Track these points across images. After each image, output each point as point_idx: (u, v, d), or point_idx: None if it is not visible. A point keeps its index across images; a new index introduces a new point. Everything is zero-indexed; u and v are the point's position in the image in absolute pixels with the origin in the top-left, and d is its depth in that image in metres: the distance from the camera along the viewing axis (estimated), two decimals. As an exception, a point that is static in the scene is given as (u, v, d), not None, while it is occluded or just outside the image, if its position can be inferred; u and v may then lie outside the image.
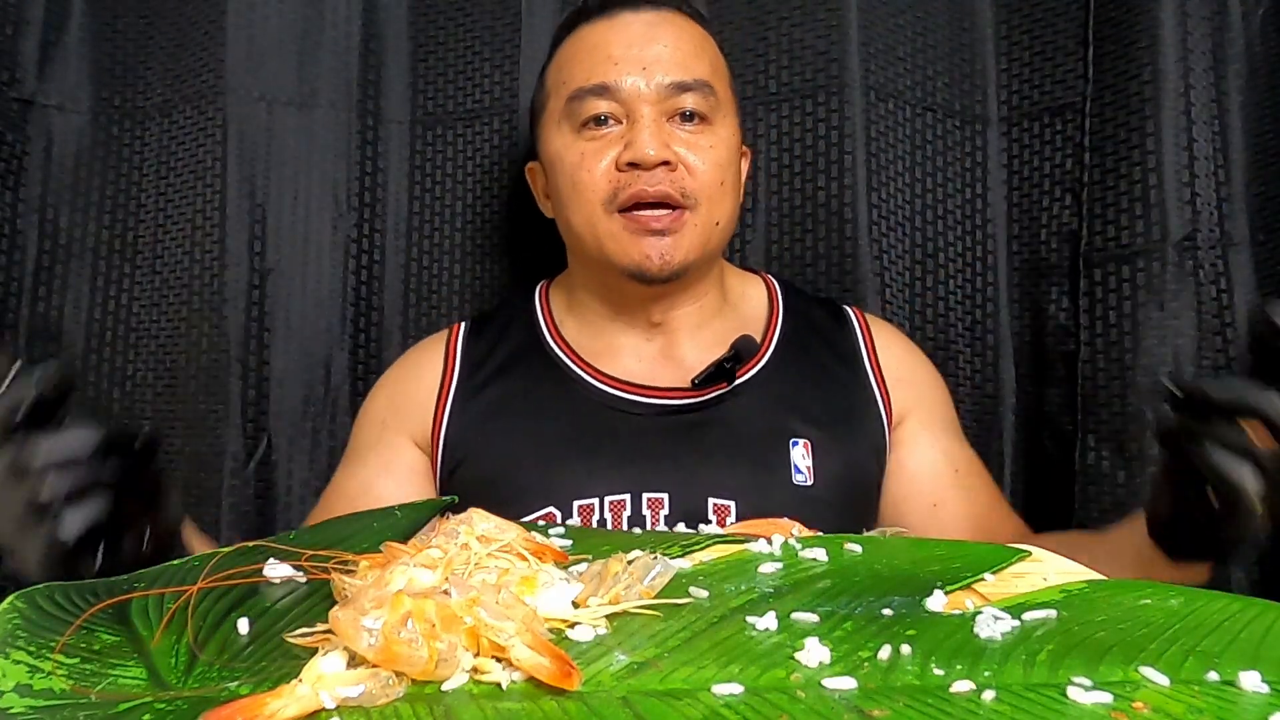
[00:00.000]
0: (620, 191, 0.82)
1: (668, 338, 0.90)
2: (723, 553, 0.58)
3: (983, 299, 1.06)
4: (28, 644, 0.44)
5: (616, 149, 0.83)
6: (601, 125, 0.84)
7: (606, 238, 0.83)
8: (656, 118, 0.83)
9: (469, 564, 0.49)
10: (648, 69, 0.83)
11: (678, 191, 0.82)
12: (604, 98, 0.83)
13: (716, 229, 0.85)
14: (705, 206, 0.84)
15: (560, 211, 0.88)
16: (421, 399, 0.89)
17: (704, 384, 0.86)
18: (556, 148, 0.86)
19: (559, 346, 0.90)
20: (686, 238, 0.83)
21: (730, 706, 0.40)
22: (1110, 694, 0.40)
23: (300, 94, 1.04)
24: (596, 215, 0.83)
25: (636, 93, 0.83)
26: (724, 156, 0.85)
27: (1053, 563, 0.57)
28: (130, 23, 1.07)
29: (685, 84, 0.83)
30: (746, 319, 0.92)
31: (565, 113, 0.85)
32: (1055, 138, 1.03)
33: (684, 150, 0.83)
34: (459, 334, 0.93)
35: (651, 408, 0.86)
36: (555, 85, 0.87)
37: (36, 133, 1.04)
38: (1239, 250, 0.95)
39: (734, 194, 0.87)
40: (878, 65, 1.04)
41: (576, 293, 0.92)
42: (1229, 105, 0.96)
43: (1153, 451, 0.92)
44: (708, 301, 0.90)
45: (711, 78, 0.86)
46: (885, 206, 1.04)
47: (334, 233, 1.05)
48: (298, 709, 0.39)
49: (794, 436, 0.85)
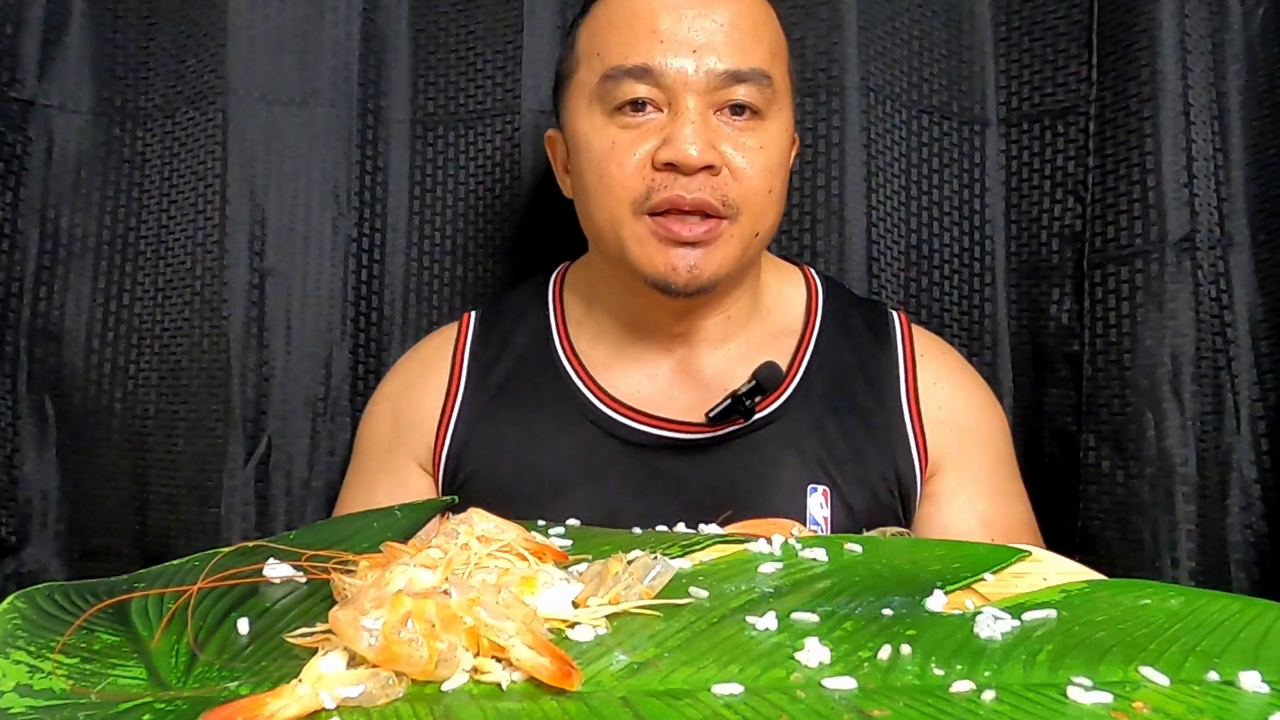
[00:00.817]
0: (654, 193, 0.73)
1: (688, 349, 0.82)
2: (723, 553, 0.58)
3: (980, 300, 1.06)
4: (28, 644, 0.44)
5: (653, 141, 0.73)
6: (638, 111, 0.74)
7: (631, 241, 0.75)
8: (703, 111, 0.73)
9: (469, 564, 0.49)
10: (698, 52, 0.72)
11: (719, 200, 0.73)
12: (644, 81, 0.73)
13: (756, 240, 0.77)
14: (747, 217, 0.75)
15: (582, 200, 0.79)
16: (425, 416, 0.85)
17: (718, 419, 0.78)
18: (584, 129, 0.77)
19: (568, 359, 0.83)
20: (720, 251, 0.74)
21: (730, 706, 0.40)
22: (1110, 694, 0.40)
23: (301, 93, 1.04)
24: (623, 216, 0.74)
25: (683, 79, 0.73)
26: (774, 160, 0.76)
27: (1053, 563, 0.57)
28: (131, 23, 1.07)
29: (740, 73, 0.73)
30: (779, 330, 0.84)
31: (598, 91, 0.75)
32: (1056, 139, 1.03)
33: (730, 150, 0.74)
34: (467, 334, 0.87)
35: (660, 440, 0.79)
36: (588, 53, 0.77)
37: (37, 133, 1.04)
38: (1239, 250, 0.94)
39: (780, 202, 0.78)
40: (876, 66, 1.04)
41: (596, 288, 0.84)
42: (1229, 105, 0.96)
43: (1152, 451, 0.92)
44: (737, 311, 0.82)
45: (770, 66, 0.75)
46: (883, 208, 1.04)
47: (334, 233, 1.05)
48: (298, 709, 0.39)
49: (813, 483, 0.78)
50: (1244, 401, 0.93)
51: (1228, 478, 0.92)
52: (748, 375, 0.79)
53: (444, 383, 0.85)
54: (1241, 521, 0.92)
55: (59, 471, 1.04)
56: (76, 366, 1.04)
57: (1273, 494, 0.91)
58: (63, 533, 1.04)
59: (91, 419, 1.04)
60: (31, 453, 1.03)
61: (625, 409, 0.81)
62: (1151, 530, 0.92)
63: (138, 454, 1.03)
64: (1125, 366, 0.95)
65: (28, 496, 1.03)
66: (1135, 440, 0.93)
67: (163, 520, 1.02)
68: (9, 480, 1.02)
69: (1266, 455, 0.92)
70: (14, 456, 1.02)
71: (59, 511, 1.04)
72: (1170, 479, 0.92)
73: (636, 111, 0.74)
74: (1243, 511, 0.92)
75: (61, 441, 1.04)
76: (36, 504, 1.03)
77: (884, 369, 0.83)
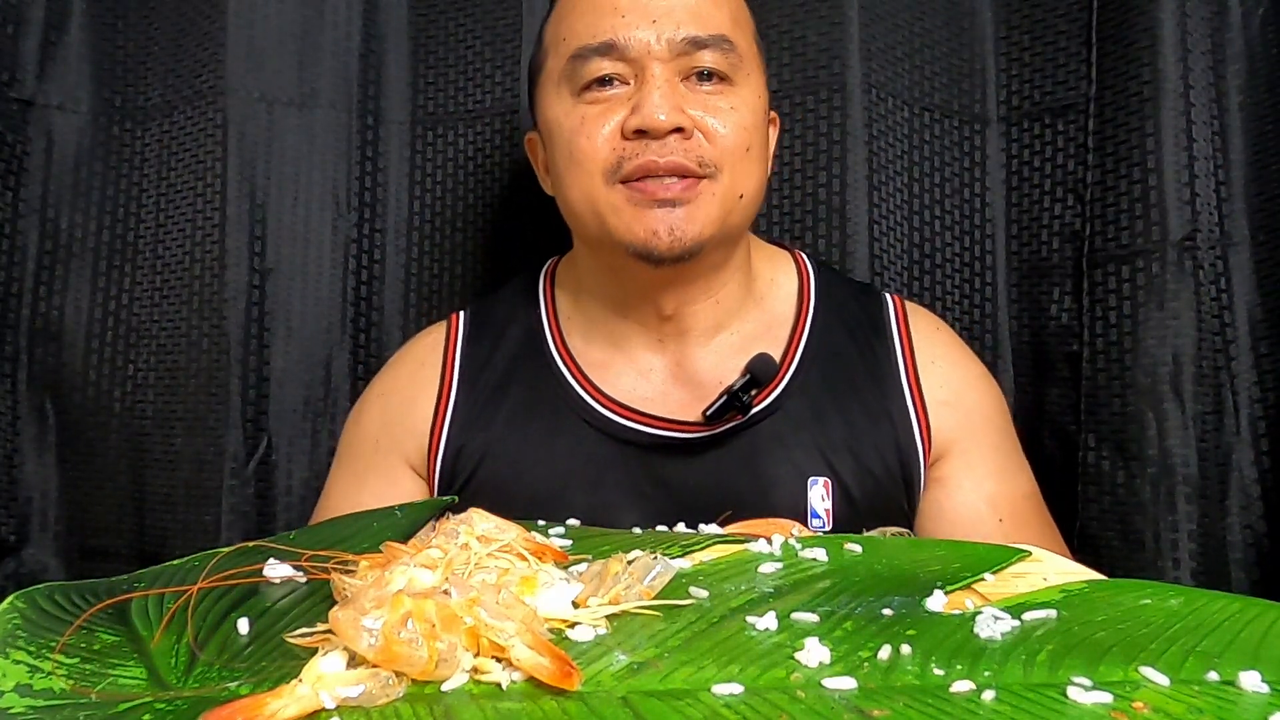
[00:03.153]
0: (625, 162, 0.72)
1: (680, 344, 0.81)
2: (723, 553, 0.58)
3: (981, 299, 1.06)
4: (28, 644, 0.44)
5: (622, 113, 0.73)
6: (606, 86, 0.74)
7: (609, 212, 0.73)
8: (670, 78, 0.73)
9: (469, 564, 0.49)
10: (658, 22, 0.73)
11: (694, 161, 0.72)
12: (609, 56, 0.73)
13: (740, 203, 0.75)
14: (727, 175, 0.73)
15: (559, 185, 0.78)
16: (417, 419, 0.83)
17: (715, 416, 0.77)
18: (555, 113, 0.77)
19: (563, 360, 0.82)
20: (703, 209, 0.73)
21: (730, 706, 0.40)
22: (1110, 694, 0.40)
23: (300, 94, 1.04)
24: (596, 187, 0.73)
25: (646, 49, 0.73)
26: (748, 119, 0.75)
27: (1053, 563, 0.57)
28: (130, 23, 1.07)
29: (700, 39, 0.73)
30: (772, 318, 0.83)
31: (565, 74, 0.75)
32: (1057, 138, 1.03)
33: (700, 113, 0.73)
34: (457, 336, 0.86)
35: (658, 440, 0.78)
36: (554, 41, 0.78)
37: (36, 133, 1.04)
38: (1239, 250, 0.94)
39: (761, 163, 0.77)
40: (878, 64, 1.04)
41: (583, 280, 0.83)
42: (1229, 105, 0.96)
43: (1152, 451, 0.92)
44: (726, 295, 0.81)
45: (732, 31, 0.75)
46: (885, 206, 1.04)
47: (334, 233, 1.05)
48: (298, 709, 0.39)
49: (813, 475, 0.77)
50: (1244, 401, 0.93)
51: (1228, 478, 0.92)
52: (740, 369, 0.78)
53: (435, 385, 0.84)
54: (1241, 521, 0.92)
55: (58, 471, 1.04)
56: (76, 366, 1.04)
57: (1273, 494, 0.91)
58: (62, 533, 1.04)
59: (91, 419, 1.04)
60: (31, 453, 1.03)
61: (622, 409, 0.80)
62: (1152, 530, 0.92)
63: (137, 454, 1.03)
64: (1126, 366, 0.95)
65: (27, 496, 1.03)
66: (1135, 440, 0.93)
67: (162, 520, 1.01)
68: (9, 480, 1.02)
69: (1266, 455, 0.92)
70: (14, 456, 1.02)
71: (58, 511, 1.04)
72: (1170, 479, 0.92)
73: (604, 87, 0.74)
74: (1243, 511, 0.92)
75: (61, 441, 1.04)
76: (36, 504, 1.03)
77: (882, 353, 0.82)
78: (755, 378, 0.77)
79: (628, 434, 0.79)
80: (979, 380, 0.85)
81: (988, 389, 0.86)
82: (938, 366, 0.82)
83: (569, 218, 0.80)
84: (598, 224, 0.75)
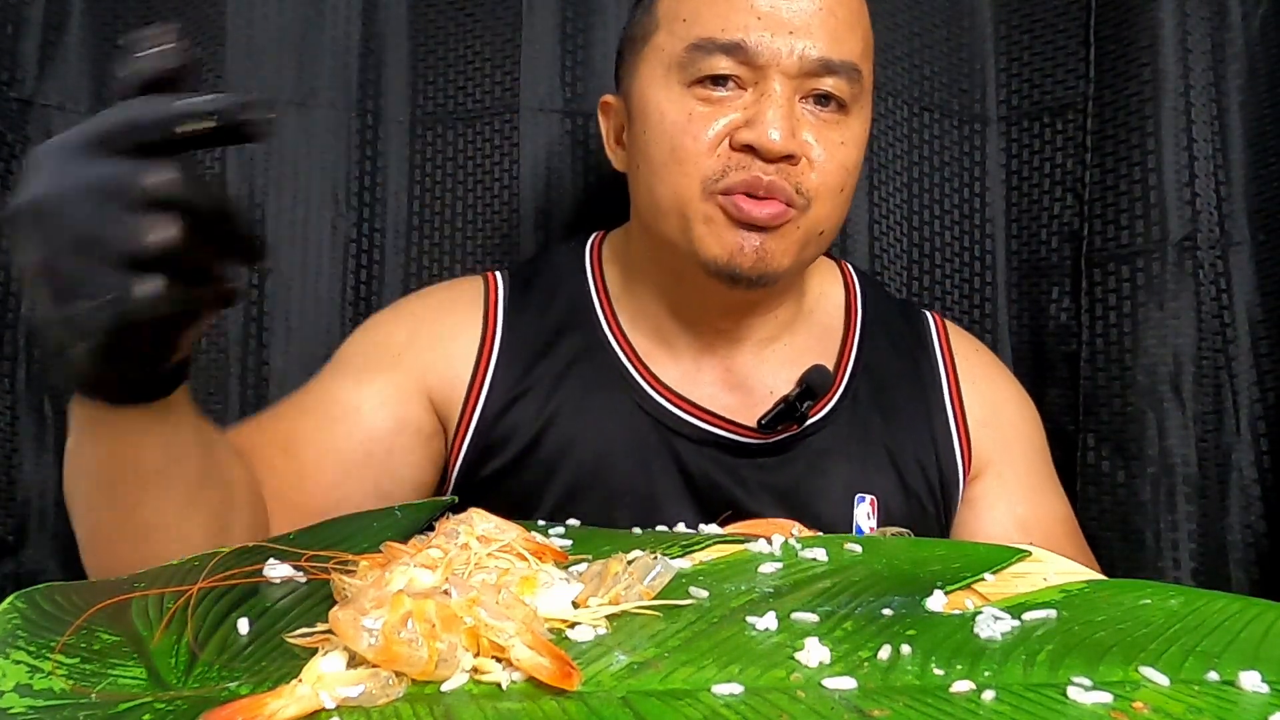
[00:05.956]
0: (729, 174, 0.69)
1: (731, 349, 0.79)
2: (723, 553, 0.58)
3: (981, 299, 1.06)
4: (28, 644, 0.44)
5: (732, 116, 0.70)
6: (719, 85, 0.70)
7: (698, 220, 0.70)
8: (789, 96, 0.69)
9: (469, 564, 0.49)
10: (795, 34, 0.69)
11: (793, 188, 0.70)
12: (734, 56, 0.69)
13: (819, 239, 0.73)
14: (816, 211, 0.71)
15: (645, 173, 0.74)
16: (455, 359, 0.78)
17: (770, 425, 0.75)
18: (658, 98, 0.72)
19: (615, 337, 0.78)
20: (785, 240, 0.71)
21: (730, 706, 0.39)
22: (1110, 694, 0.40)
23: (300, 93, 1.04)
24: (692, 194, 0.70)
25: (776, 60, 0.69)
26: (853, 159, 0.73)
27: (1053, 563, 0.57)
28: (130, 23, 1.07)
29: (832, 64, 0.70)
30: (823, 330, 0.81)
31: (680, 60, 0.71)
32: (1056, 138, 1.03)
33: (811, 139, 0.70)
34: (498, 295, 0.81)
35: (710, 437, 0.76)
36: (672, 17, 0.73)
37: (36, 133, 1.04)
38: (1239, 250, 0.95)
39: (846, 207, 0.75)
40: (877, 63, 1.03)
41: (637, 264, 0.80)
42: (1229, 105, 0.96)
43: (1152, 451, 0.92)
44: (783, 310, 0.79)
45: (861, 60, 0.72)
46: (884, 205, 1.04)
47: (333, 232, 1.05)
48: (298, 709, 0.38)
49: (861, 492, 0.75)
50: (1244, 401, 0.93)
51: (1228, 477, 0.93)
52: (791, 379, 0.77)
53: (477, 332, 0.79)
54: (1241, 521, 0.93)
55: (58, 471, 1.04)
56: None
57: (1273, 494, 0.91)
58: (62, 533, 1.04)
59: (91, 419, 1.04)
60: (30, 453, 1.03)
61: (678, 399, 0.77)
62: (1152, 530, 0.92)
63: (137, 454, 1.02)
64: (1125, 366, 0.95)
65: (27, 496, 1.02)
66: (1135, 440, 0.93)
67: (162, 520, 1.01)
68: (8, 480, 1.02)
69: (1266, 455, 0.92)
70: (13, 456, 1.02)
71: (58, 511, 1.04)
72: (1170, 479, 0.92)
73: (717, 86, 0.70)
74: (1243, 511, 0.93)
75: (60, 441, 1.04)
76: (35, 504, 1.03)
77: (926, 371, 0.81)
78: (811, 389, 0.75)
79: (682, 426, 0.76)
80: (1018, 401, 0.85)
81: (1026, 410, 0.85)
82: (979, 386, 0.82)
83: (647, 209, 0.76)
84: (681, 229, 0.72)
